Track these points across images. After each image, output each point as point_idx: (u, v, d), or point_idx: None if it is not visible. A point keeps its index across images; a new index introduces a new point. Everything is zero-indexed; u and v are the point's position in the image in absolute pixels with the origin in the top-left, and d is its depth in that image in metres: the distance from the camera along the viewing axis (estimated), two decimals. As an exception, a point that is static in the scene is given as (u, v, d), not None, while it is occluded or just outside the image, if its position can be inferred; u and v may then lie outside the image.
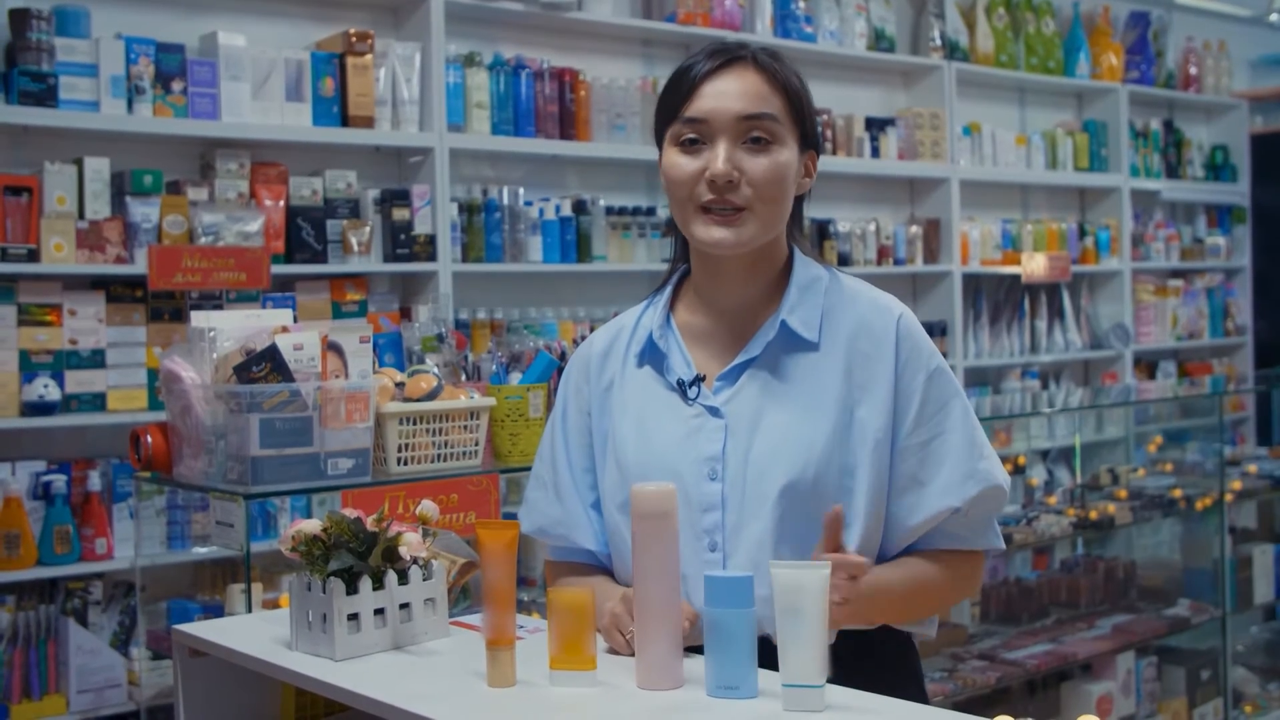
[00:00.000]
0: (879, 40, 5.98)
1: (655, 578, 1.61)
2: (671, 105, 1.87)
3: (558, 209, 4.83)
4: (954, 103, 6.17)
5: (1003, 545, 1.93)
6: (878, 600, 1.78)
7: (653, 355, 1.94)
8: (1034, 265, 6.06)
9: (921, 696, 1.94)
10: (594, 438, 1.98)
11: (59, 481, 3.75)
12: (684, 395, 1.88)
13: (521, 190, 4.78)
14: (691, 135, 1.84)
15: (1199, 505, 4.73)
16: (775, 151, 1.83)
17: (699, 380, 1.88)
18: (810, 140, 1.90)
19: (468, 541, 2.11)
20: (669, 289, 1.99)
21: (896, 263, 5.92)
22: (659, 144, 1.92)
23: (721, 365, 1.90)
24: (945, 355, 2.00)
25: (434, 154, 4.48)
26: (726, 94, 1.82)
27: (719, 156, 1.81)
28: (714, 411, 1.85)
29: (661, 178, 1.92)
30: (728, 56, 1.85)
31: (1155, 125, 7.40)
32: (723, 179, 1.80)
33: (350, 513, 1.85)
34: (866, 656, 1.83)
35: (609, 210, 4.99)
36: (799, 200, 1.95)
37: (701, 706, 1.55)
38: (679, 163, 1.85)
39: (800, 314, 1.87)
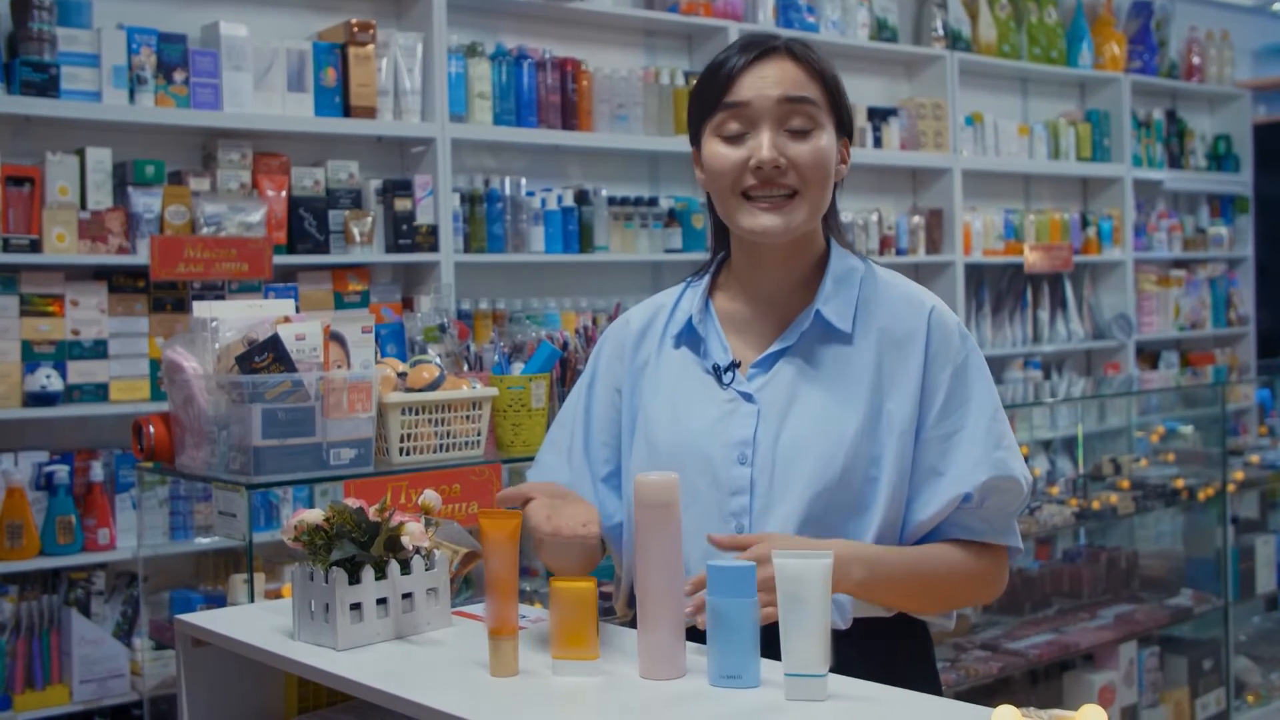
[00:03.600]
0: (881, 30, 5.98)
1: (657, 567, 1.61)
2: (710, 97, 1.88)
3: (560, 199, 4.82)
4: (956, 93, 6.16)
5: (1020, 546, 1.92)
6: (889, 584, 1.79)
7: (690, 338, 1.96)
8: (1034, 256, 6.06)
9: (935, 686, 1.95)
10: (623, 415, 2.00)
11: (61, 472, 3.75)
12: (719, 380, 1.90)
13: (523, 180, 4.78)
14: (733, 124, 1.85)
15: (1201, 495, 4.73)
16: (817, 136, 1.85)
17: (734, 366, 1.90)
18: (845, 127, 1.92)
19: (470, 531, 2.11)
20: (709, 274, 2.01)
21: (899, 253, 5.91)
22: (694, 142, 1.93)
23: (757, 352, 1.91)
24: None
25: (436, 144, 4.48)
26: (767, 80, 1.84)
27: (764, 144, 1.82)
28: (747, 397, 1.88)
29: (699, 171, 1.94)
30: (763, 48, 1.87)
31: (1158, 115, 7.39)
32: (769, 165, 1.82)
33: (353, 503, 1.85)
34: (880, 645, 1.83)
35: (611, 200, 4.98)
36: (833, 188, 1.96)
37: (704, 696, 1.55)
38: (722, 153, 1.86)
39: (835, 305, 1.89)
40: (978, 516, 1.86)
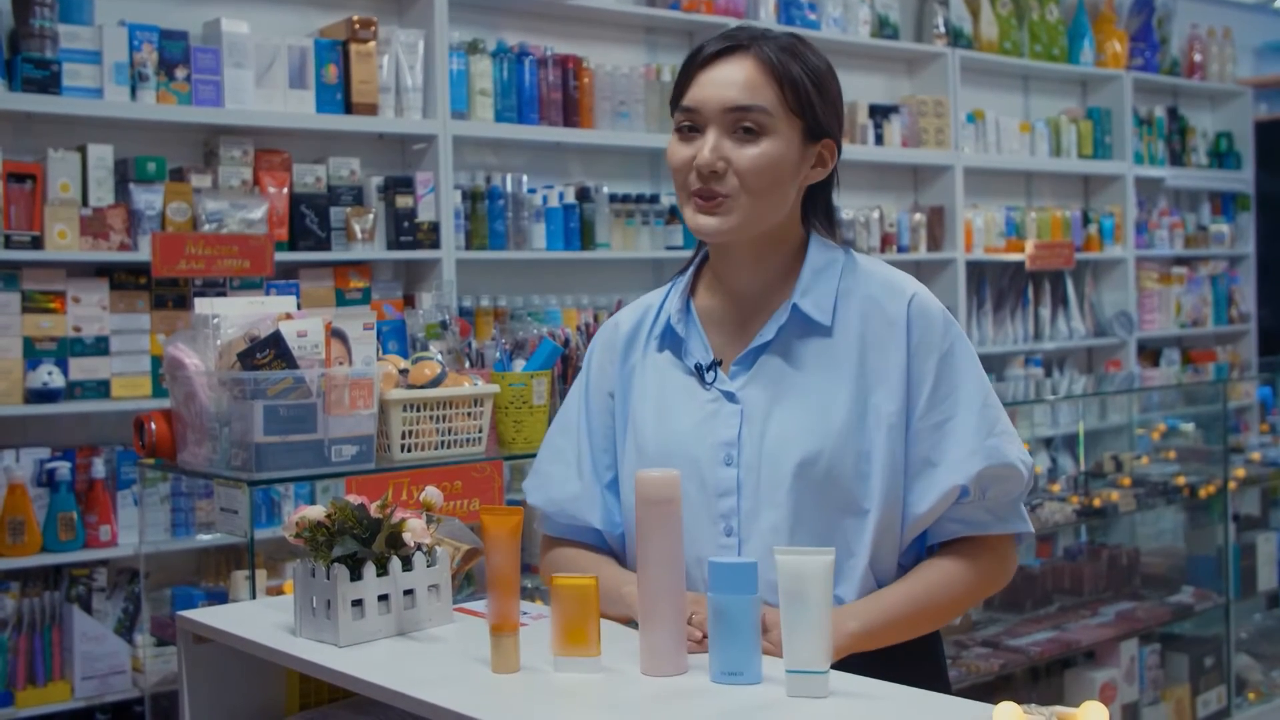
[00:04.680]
0: (883, 27, 5.97)
1: (659, 563, 1.61)
2: (675, 93, 1.89)
3: (561, 196, 4.82)
4: (958, 90, 6.16)
5: (1030, 529, 1.90)
6: (886, 625, 1.78)
7: (672, 340, 1.95)
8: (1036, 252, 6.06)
9: (943, 681, 1.94)
10: (616, 420, 1.98)
11: (63, 468, 3.75)
12: (701, 380, 1.89)
13: (525, 177, 4.78)
14: (687, 123, 1.85)
15: (1202, 492, 4.73)
16: (764, 143, 1.81)
17: (716, 365, 1.89)
18: (819, 130, 1.86)
19: (472, 528, 2.12)
20: (690, 272, 2.00)
21: (900, 250, 5.91)
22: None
23: (738, 349, 1.90)
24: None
25: (437, 141, 4.48)
26: (719, 83, 1.83)
27: (706, 145, 1.82)
28: (730, 397, 1.86)
29: None
30: (729, 44, 1.85)
31: (1159, 112, 7.38)
32: (706, 169, 1.81)
33: (354, 499, 1.85)
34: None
35: (612, 198, 4.98)
36: (821, 188, 1.94)
37: (705, 692, 1.55)
38: (675, 150, 1.87)
39: (813, 297, 1.86)
40: (981, 508, 1.84)
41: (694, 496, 1.83)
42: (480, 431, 2.86)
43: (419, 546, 1.85)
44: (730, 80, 1.82)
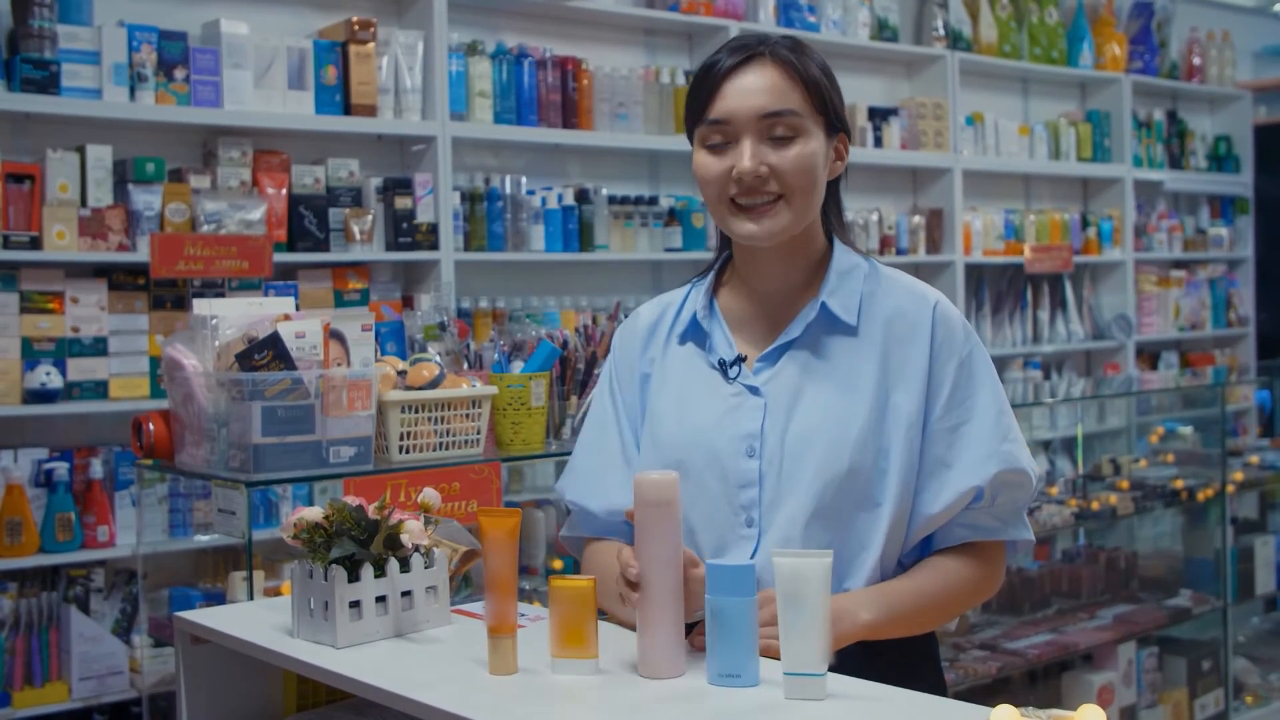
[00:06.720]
0: (882, 30, 5.97)
1: (657, 565, 1.61)
2: (697, 106, 1.91)
3: (560, 198, 4.82)
4: (957, 93, 6.16)
5: (1032, 537, 1.94)
6: (895, 618, 1.81)
7: (695, 335, 1.98)
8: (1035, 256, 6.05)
9: (939, 683, 1.96)
10: (639, 411, 2.01)
11: (61, 469, 3.75)
12: (724, 374, 1.92)
13: (524, 179, 4.78)
14: (716, 136, 1.88)
15: (1201, 496, 4.73)
16: (801, 143, 1.86)
17: (740, 360, 1.92)
18: (837, 125, 1.92)
19: (469, 530, 2.11)
20: (713, 273, 2.03)
21: (899, 253, 5.91)
22: (691, 141, 1.96)
23: (762, 348, 1.93)
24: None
25: (436, 142, 4.48)
26: (747, 91, 1.85)
27: (745, 154, 1.84)
28: (753, 390, 1.89)
29: (695, 176, 1.95)
30: (747, 54, 1.88)
31: (1158, 116, 7.39)
32: (750, 176, 1.84)
33: (352, 500, 1.85)
34: (885, 645, 1.83)
35: (611, 199, 4.98)
36: (834, 184, 1.98)
37: (703, 694, 1.55)
38: (707, 163, 1.89)
39: (840, 298, 1.91)
40: (990, 514, 1.88)
41: (714, 488, 1.87)
42: (478, 433, 2.86)
43: (417, 548, 1.85)
44: (757, 87, 1.85)
